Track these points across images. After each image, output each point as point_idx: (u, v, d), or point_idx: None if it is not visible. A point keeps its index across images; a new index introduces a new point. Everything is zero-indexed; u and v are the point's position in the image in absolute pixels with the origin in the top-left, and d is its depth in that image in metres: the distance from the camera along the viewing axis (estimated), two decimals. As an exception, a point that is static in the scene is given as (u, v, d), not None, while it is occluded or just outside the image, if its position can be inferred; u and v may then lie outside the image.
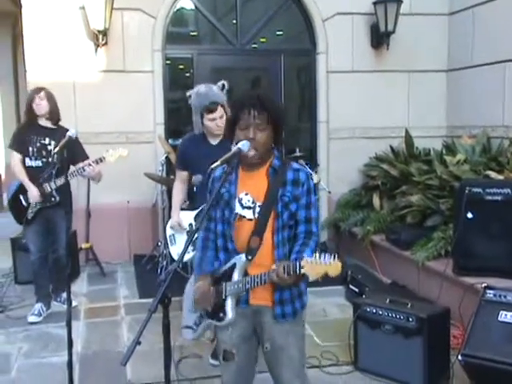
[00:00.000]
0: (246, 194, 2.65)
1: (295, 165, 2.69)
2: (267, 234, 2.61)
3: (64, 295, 5.32)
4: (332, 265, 2.30)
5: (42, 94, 5.09)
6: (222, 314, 2.65)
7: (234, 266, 2.63)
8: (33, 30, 6.85)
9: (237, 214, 2.64)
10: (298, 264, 2.36)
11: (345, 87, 7.55)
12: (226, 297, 2.64)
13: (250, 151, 2.57)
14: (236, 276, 2.62)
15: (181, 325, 2.93)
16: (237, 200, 2.65)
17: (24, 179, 5.07)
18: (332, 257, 2.31)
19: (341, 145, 7.60)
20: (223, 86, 4.18)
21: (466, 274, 4.74)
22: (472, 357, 3.70)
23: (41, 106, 5.07)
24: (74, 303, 5.15)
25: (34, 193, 5.03)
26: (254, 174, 2.67)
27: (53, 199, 5.08)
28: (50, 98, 5.13)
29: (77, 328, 4.84)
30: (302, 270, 2.34)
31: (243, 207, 2.64)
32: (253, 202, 2.63)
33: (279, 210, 2.59)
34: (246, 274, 2.62)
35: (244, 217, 2.64)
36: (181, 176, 4.32)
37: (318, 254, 2.33)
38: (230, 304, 2.63)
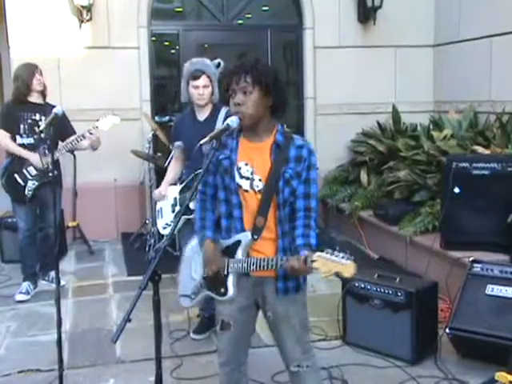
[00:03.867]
0: (246, 164, 2.62)
1: (298, 141, 2.65)
2: (270, 211, 2.60)
3: (52, 274, 5.31)
4: (347, 265, 2.24)
5: (39, 69, 5.10)
6: (223, 290, 2.64)
7: (238, 243, 2.61)
8: (15, 5, 6.72)
9: (236, 182, 2.62)
10: (309, 259, 2.33)
11: (332, 63, 7.51)
12: (228, 273, 2.63)
13: (241, 119, 2.54)
14: (240, 254, 2.60)
15: (178, 292, 2.91)
16: (235, 168, 2.62)
17: (21, 150, 5.01)
18: (346, 256, 2.25)
19: (328, 121, 7.58)
20: (219, 64, 4.25)
21: (453, 249, 4.77)
22: (459, 330, 3.76)
23: (41, 81, 5.08)
24: (62, 282, 5.11)
25: (34, 157, 4.99)
26: (257, 147, 2.63)
27: (50, 174, 5.01)
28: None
29: (65, 306, 4.83)
30: (314, 264, 2.31)
31: (241, 177, 2.62)
32: (251, 173, 2.61)
33: (281, 186, 2.57)
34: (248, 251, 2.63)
35: (240, 186, 2.62)
36: (176, 154, 4.41)
37: (330, 251, 2.28)
38: (231, 280, 2.62)
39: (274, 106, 2.60)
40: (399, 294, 3.87)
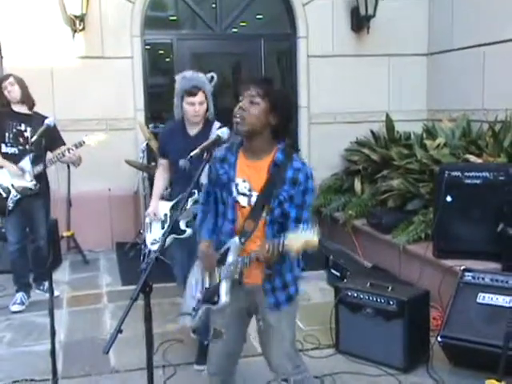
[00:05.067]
0: (244, 181, 2.64)
1: (297, 163, 2.62)
2: (260, 224, 2.62)
3: (46, 284, 5.30)
4: (309, 237, 2.36)
5: (11, 79, 4.99)
6: (216, 298, 2.66)
7: (228, 250, 2.65)
8: (8, 15, 6.72)
9: (234, 198, 2.65)
10: (282, 240, 2.41)
11: (325, 72, 7.54)
12: (220, 280, 2.65)
13: (239, 124, 2.55)
14: (230, 259, 2.64)
15: (180, 311, 2.94)
16: (234, 184, 2.65)
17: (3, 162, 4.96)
18: (312, 231, 2.36)
19: (322, 130, 7.60)
20: (212, 77, 4.13)
21: (445, 257, 4.80)
22: (451, 338, 3.79)
23: (13, 91, 4.97)
24: (56, 292, 5.10)
25: (12, 168, 4.92)
26: (256, 164, 2.64)
27: (32, 188, 5.02)
28: (20, 82, 5.03)
29: (60, 316, 4.82)
30: (286, 245, 2.40)
31: (238, 193, 2.65)
32: (249, 190, 2.63)
33: (273, 205, 2.59)
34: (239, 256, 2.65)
35: (238, 202, 2.65)
36: (162, 163, 4.25)
37: (300, 231, 2.38)
38: (224, 287, 2.64)
39: (275, 127, 2.60)
40: (391, 302, 3.89)
